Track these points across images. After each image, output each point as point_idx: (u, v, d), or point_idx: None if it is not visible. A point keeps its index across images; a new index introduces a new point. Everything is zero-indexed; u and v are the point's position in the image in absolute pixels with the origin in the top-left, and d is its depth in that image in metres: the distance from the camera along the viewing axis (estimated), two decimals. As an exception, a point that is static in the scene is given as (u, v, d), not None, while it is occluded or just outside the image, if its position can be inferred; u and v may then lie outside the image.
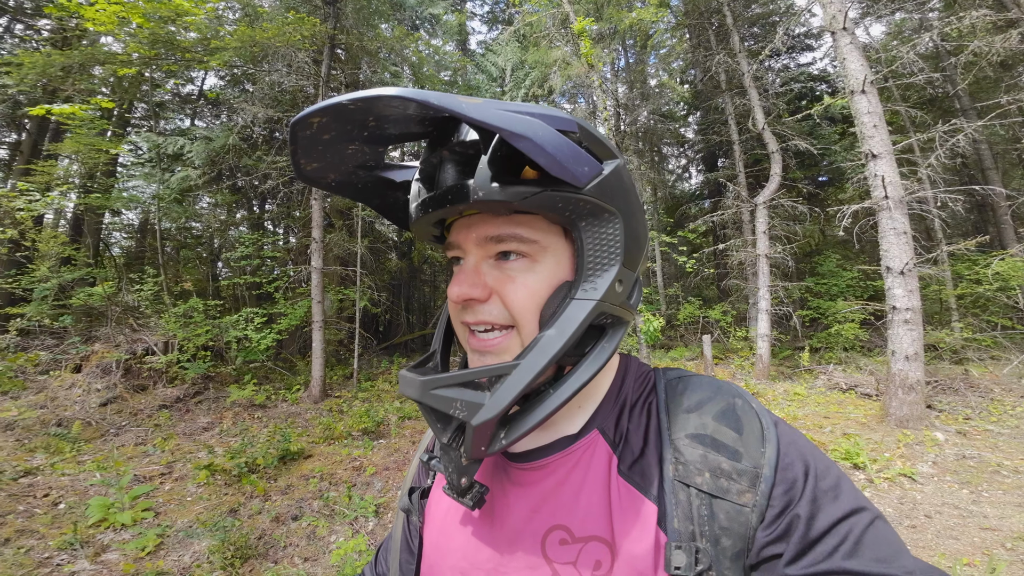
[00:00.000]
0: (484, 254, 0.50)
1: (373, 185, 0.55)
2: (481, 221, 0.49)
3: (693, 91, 12.64)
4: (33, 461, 4.43)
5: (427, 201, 0.49)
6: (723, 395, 0.52)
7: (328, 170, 0.49)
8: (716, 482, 0.45)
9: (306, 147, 0.43)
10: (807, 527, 0.41)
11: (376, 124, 0.43)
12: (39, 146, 8.77)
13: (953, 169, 8.55)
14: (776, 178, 8.07)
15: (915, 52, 5.62)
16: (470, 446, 0.45)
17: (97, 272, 8.07)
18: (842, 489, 0.44)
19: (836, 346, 8.54)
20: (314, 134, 0.41)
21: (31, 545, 3.11)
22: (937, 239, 8.58)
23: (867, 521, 0.42)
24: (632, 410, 0.54)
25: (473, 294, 0.48)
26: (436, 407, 0.46)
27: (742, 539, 0.43)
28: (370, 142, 0.48)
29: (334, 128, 0.42)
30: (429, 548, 0.61)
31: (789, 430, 0.49)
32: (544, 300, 0.48)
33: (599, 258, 0.47)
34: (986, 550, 2.84)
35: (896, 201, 5.10)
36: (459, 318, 0.53)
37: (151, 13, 6.05)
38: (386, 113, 0.41)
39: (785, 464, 0.45)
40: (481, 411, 0.44)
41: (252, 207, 10.70)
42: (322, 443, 5.25)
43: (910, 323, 4.98)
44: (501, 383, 0.44)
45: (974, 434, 4.67)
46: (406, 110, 0.40)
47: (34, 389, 5.92)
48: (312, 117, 0.38)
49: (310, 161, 0.46)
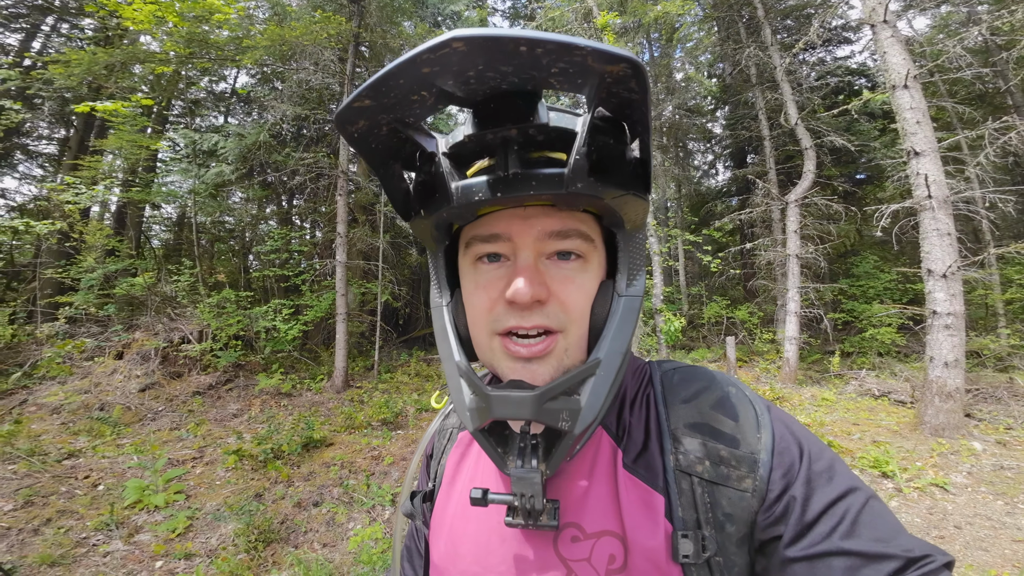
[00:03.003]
0: (541, 251, 0.47)
1: (387, 148, 0.46)
2: (543, 214, 0.46)
3: (721, 85, 12.26)
4: (76, 444, 4.72)
5: (494, 182, 0.42)
6: (717, 384, 0.53)
7: (368, 114, 0.40)
8: (716, 470, 0.46)
9: (394, 76, 0.35)
10: (803, 509, 0.42)
11: (476, 74, 0.36)
12: (85, 142, 9.25)
13: (1004, 168, 8.04)
14: (809, 175, 7.77)
15: (962, 46, 5.29)
16: (560, 458, 0.45)
17: (138, 263, 8.49)
18: (836, 470, 0.45)
19: (870, 351, 8.20)
20: (423, 62, 0.33)
21: (70, 525, 3.30)
22: (985, 241, 8.10)
23: (862, 501, 0.42)
24: (632, 404, 0.54)
25: (541, 295, 0.45)
26: (547, 422, 0.44)
27: (745, 524, 0.44)
28: (440, 96, 0.39)
29: (452, 63, 0.34)
30: (438, 555, 0.59)
31: (782, 414, 0.50)
32: (593, 300, 0.48)
33: (636, 259, 0.50)
34: (1016, 563, 2.73)
35: (940, 201, 4.84)
36: (501, 325, 0.47)
37: (185, 12, 6.29)
38: (506, 64, 0.34)
39: (781, 448, 0.46)
40: (582, 416, 0.44)
41: (281, 202, 11.04)
42: (343, 432, 5.39)
43: (951, 328, 4.73)
44: (587, 384, 0.45)
45: (1015, 444, 4.43)
46: (539, 68, 0.34)
47: (80, 374, 6.30)
48: (455, 42, 0.31)
49: (368, 96, 0.37)
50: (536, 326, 0.46)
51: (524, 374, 0.46)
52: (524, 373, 0.46)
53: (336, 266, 7.41)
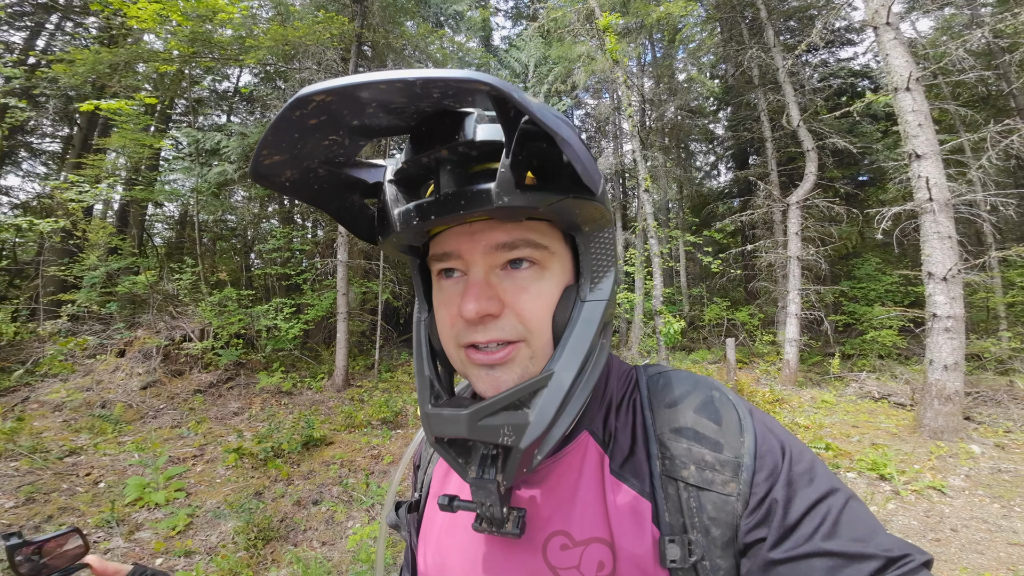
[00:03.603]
0: (492, 263, 0.47)
1: (333, 186, 0.47)
2: (488, 228, 0.45)
3: (724, 86, 12.24)
4: (78, 441, 4.74)
5: (427, 207, 0.42)
6: (701, 388, 0.52)
7: (290, 165, 0.40)
8: (702, 474, 0.46)
9: (283, 132, 0.36)
10: (785, 511, 0.42)
11: (375, 111, 0.37)
12: (89, 140, 9.28)
13: (1007, 171, 8.01)
14: (811, 177, 7.76)
15: (965, 49, 5.28)
16: (513, 471, 0.44)
17: (141, 261, 8.52)
18: (816, 472, 0.45)
19: (871, 353, 8.19)
20: (304, 116, 0.34)
21: (71, 523, 3.30)
22: (987, 244, 8.08)
23: (842, 502, 0.43)
24: (618, 409, 0.54)
25: (491, 309, 0.45)
26: (485, 439, 0.43)
27: (730, 528, 0.44)
28: (354, 133, 0.40)
29: (331, 111, 0.34)
30: (424, 566, 0.58)
31: (764, 417, 0.50)
32: (555, 307, 0.47)
33: (602, 261, 0.49)
34: (1011, 566, 2.73)
35: (941, 204, 4.83)
36: (463, 339, 0.48)
37: (189, 11, 6.31)
38: (396, 100, 0.35)
39: (763, 451, 0.46)
40: (528, 431, 0.43)
41: (283, 201, 11.06)
42: (343, 431, 5.41)
43: (951, 331, 4.72)
44: (539, 397, 0.44)
45: (1013, 448, 4.43)
46: (433, 99, 0.35)
47: (82, 372, 6.33)
48: (317, 95, 0.32)
49: (275, 152, 0.38)
50: (492, 340, 0.46)
51: (489, 381, 0.47)
52: (489, 380, 0.47)
53: (337, 265, 7.43)
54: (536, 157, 0.43)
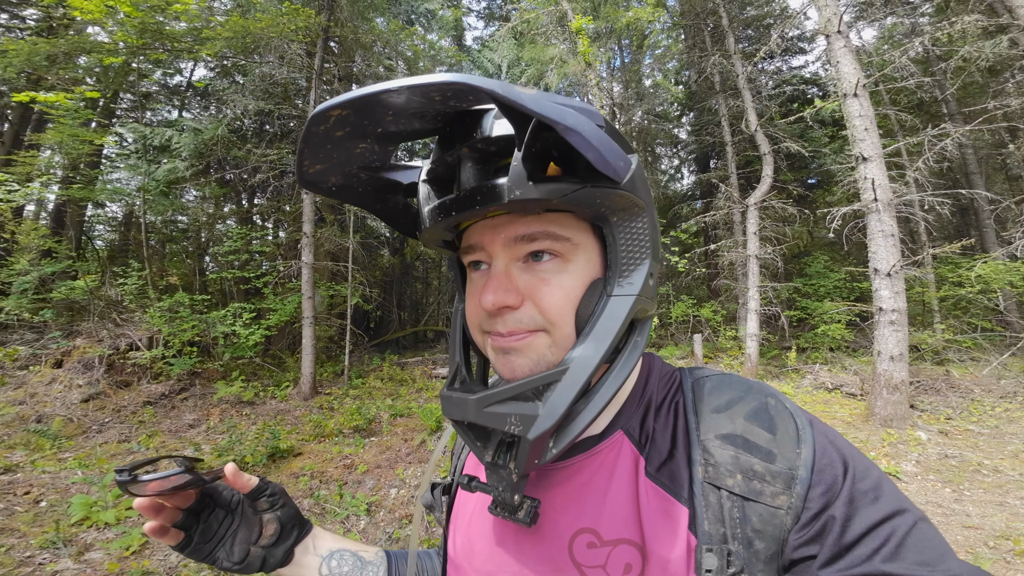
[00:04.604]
0: (513, 256, 0.47)
1: (375, 188, 0.51)
2: (508, 221, 0.46)
3: (687, 92, 12.71)
4: (13, 458, 4.32)
5: (449, 204, 0.45)
6: (754, 394, 0.50)
7: (332, 172, 0.45)
8: (749, 484, 0.44)
9: (315, 145, 0.40)
10: (842, 529, 0.40)
11: (394, 118, 0.39)
12: (21, 136, 8.53)
13: (939, 173, 8.72)
14: (767, 180, 8.15)
15: (907, 56, 5.70)
16: (524, 461, 0.44)
17: (79, 265, 7.87)
18: (883, 490, 0.43)
19: (822, 346, 8.67)
20: (328, 129, 0.37)
21: (11, 544, 3.03)
22: (922, 242, 8.76)
23: (910, 523, 0.40)
24: (658, 411, 0.53)
25: (508, 301, 0.45)
26: (491, 425, 0.44)
27: (776, 541, 0.42)
28: (382, 139, 0.44)
29: (351, 122, 0.38)
30: (454, 550, 0.59)
31: (825, 429, 0.48)
32: (579, 300, 0.46)
33: (632, 253, 0.47)
34: (969, 548, 2.89)
35: (885, 204, 5.18)
36: (486, 327, 0.49)
37: (139, 2, 5.91)
38: (408, 106, 0.37)
39: (822, 465, 0.43)
40: (537, 423, 0.42)
41: (241, 201, 10.53)
42: (312, 441, 5.19)
43: (896, 324, 5.06)
44: (552, 390, 0.43)
45: (955, 434, 4.76)
46: (436, 102, 0.36)
47: (12, 384, 5.77)
48: (332, 110, 0.35)
49: (315, 162, 0.42)
50: (512, 332, 0.46)
51: (505, 365, 0.47)
52: (505, 364, 0.47)
53: (302, 267, 7.14)
54: (556, 147, 0.43)
